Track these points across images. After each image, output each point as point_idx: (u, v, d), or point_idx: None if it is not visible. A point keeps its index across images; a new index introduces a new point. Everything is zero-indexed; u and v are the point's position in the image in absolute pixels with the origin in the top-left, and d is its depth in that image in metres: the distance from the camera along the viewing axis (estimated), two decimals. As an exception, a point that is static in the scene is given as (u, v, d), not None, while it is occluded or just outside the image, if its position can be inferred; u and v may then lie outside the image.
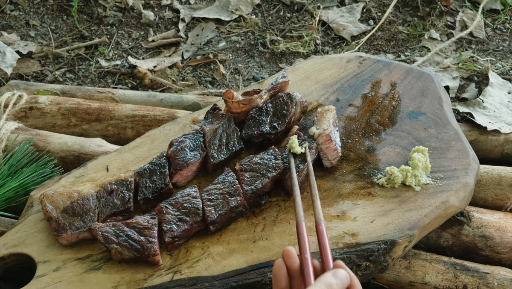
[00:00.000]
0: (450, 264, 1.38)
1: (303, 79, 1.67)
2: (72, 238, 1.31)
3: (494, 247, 1.43)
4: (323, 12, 2.32)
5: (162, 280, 1.24)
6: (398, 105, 1.58)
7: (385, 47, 2.20)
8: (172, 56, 2.19)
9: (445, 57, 2.12)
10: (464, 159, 1.43)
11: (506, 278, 1.34)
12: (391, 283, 1.39)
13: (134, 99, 1.91)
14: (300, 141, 1.43)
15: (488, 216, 1.46)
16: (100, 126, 1.78)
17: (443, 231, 1.45)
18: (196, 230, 1.31)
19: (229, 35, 2.28)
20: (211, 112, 1.53)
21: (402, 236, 1.29)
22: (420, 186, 1.38)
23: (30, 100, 1.82)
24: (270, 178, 1.36)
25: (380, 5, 2.36)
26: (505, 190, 1.52)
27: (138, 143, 1.53)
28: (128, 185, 1.38)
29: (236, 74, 2.13)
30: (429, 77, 1.64)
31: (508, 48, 2.16)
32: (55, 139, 1.67)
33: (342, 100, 1.60)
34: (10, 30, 2.30)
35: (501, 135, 1.74)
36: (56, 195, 1.35)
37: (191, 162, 1.41)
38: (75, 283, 1.25)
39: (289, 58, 2.17)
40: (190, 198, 1.33)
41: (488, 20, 2.27)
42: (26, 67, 2.16)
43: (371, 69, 1.68)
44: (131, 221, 1.30)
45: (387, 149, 1.48)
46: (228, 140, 1.47)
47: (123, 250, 1.25)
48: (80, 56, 2.21)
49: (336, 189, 1.39)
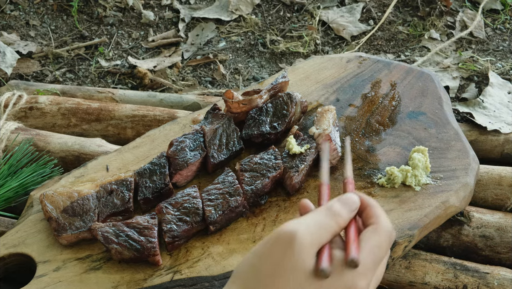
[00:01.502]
0: (450, 264, 1.38)
1: (303, 79, 1.67)
2: (72, 238, 1.31)
3: (494, 247, 1.43)
4: (323, 12, 2.32)
5: (162, 280, 1.24)
6: (398, 105, 1.58)
7: (385, 47, 2.20)
8: (172, 56, 2.19)
9: (445, 57, 2.12)
10: (464, 159, 1.43)
11: (506, 278, 1.34)
12: (391, 283, 1.39)
13: (134, 99, 1.91)
14: (300, 141, 1.43)
15: (488, 216, 1.46)
16: (100, 126, 1.78)
17: (443, 231, 1.45)
18: (196, 230, 1.31)
19: (229, 35, 2.28)
20: (211, 112, 1.53)
21: (402, 236, 1.29)
22: (420, 186, 1.38)
23: (30, 100, 1.82)
24: (270, 178, 1.36)
25: (380, 5, 2.36)
26: (505, 190, 1.52)
27: (138, 143, 1.53)
28: (128, 185, 1.38)
29: (236, 74, 2.13)
30: (429, 77, 1.64)
31: (508, 48, 2.16)
32: (55, 139, 1.67)
33: (342, 100, 1.60)
34: (10, 30, 2.30)
35: (501, 135, 1.74)
36: (56, 195, 1.35)
37: (191, 162, 1.41)
38: (75, 283, 1.25)
39: (289, 58, 2.17)
40: (190, 198, 1.33)
41: (488, 20, 2.27)
42: (26, 67, 2.16)
43: (371, 69, 1.68)
44: (131, 221, 1.30)
45: (387, 148, 1.48)
46: (228, 140, 1.47)
47: (123, 250, 1.25)
48: (80, 56, 2.21)
49: (336, 189, 1.39)
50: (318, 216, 0.84)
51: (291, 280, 0.78)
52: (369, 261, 0.81)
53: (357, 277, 0.79)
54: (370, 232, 0.84)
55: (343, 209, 0.86)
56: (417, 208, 1.34)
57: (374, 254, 0.82)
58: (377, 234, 0.84)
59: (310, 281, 0.78)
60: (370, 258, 0.81)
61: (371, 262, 0.81)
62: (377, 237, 0.84)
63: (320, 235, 0.82)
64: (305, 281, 0.78)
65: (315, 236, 0.81)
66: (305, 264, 0.79)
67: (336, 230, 0.84)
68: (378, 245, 0.83)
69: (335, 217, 0.85)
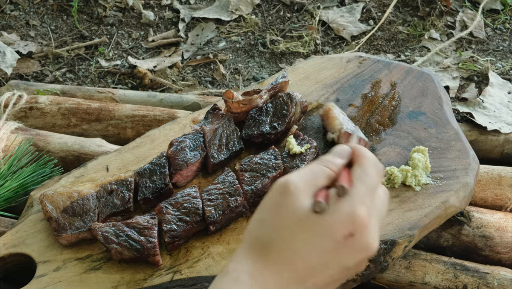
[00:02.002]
0: (450, 264, 1.38)
1: (303, 79, 1.67)
2: (72, 238, 1.31)
3: (494, 247, 1.43)
4: (323, 12, 2.32)
5: (162, 280, 1.24)
6: (398, 105, 1.58)
7: (385, 47, 2.20)
8: (172, 56, 2.19)
9: (445, 57, 2.12)
10: (464, 159, 1.43)
11: (506, 278, 1.34)
12: (391, 283, 1.38)
13: (134, 99, 1.91)
14: (300, 141, 1.43)
15: (488, 216, 1.46)
16: (100, 126, 1.78)
17: (443, 231, 1.45)
18: (196, 230, 1.31)
19: (229, 35, 2.28)
20: (211, 112, 1.53)
21: (402, 236, 1.29)
22: (420, 186, 1.38)
23: (30, 100, 1.82)
24: (270, 178, 1.36)
25: (380, 5, 2.36)
26: (505, 190, 1.52)
27: (138, 143, 1.53)
28: (128, 185, 1.38)
29: (236, 74, 2.13)
30: (429, 77, 1.64)
31: (508, 48, 2.16)
32: (55, 139, 1.67)
33: (342, 100, 1.60)
34: (10, 30, 2.30)
35: (501, 135, 1.74)
36: (56, 195, 1.35)
37: (191, 162, 1.41)
38: (75, 283, 1.25)
39: (289, 58, 2.17)
40: (190, 198, 1.33)
41: (488, 20, 2.27)
42: (26, 67, 2.16)
43: (371, 69, 1.68)
44: (131, 221, 1.30)
45: (387, 149, 1.48)
46: (228, 140, 1.47)
47: (123, 250, 1.25)
48: (80, 56, 2.21)
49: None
50: (309, 166, 0.90)
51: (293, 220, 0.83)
52: (361, 188, 0.85)
53: (354, 204, 0.83)
54: (357, 166, 0.89)
55: (334, 157, 0.91)
56: (417, 208, 1.34)
57: (365, 181, 0.86)
58: (363, 167, 0.89)
59: (310, 217, 0.82)
60: (361, 186, 0.85)
61: (363, 189, 0.85)
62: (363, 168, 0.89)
63: (314, 178, 0.87)
64: (305, 218, 0.82)
65: (308, 180, 0.86)
66: (303, 203, 0.83)
67: (330, 173, 0.88)
68: (366, 173, 0.87)
69: (326, 163, 0.89)
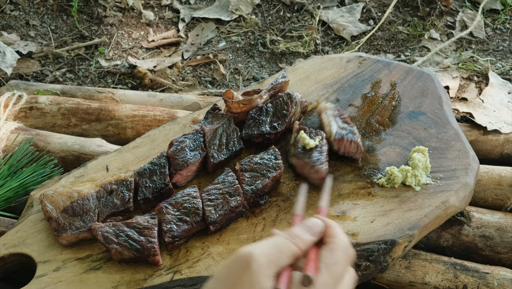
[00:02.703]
0: (450, 264, 1.38)
1: (303, 79, 1.67)
2: (72, 238, 1.31)
3: (494, 247, 1.43)
4: (323, 12, 2.32)
5: (162, 280, 1.24)
6: (398, 105, 1.58)
7: (385, 47, 2.20)
8: (172, 56, 2.19)
9: (445, 57, 2.12)
10: (464, 159, 1.43)
11: (506, 278, 1.34)
12: (391, 283, 1.39)
13: (134, 99, 1.91)
14: (309, 135, 1.43)
15: (488, 216, 1.46)
16: (100, 126, 1.78)
17: (443, 231, 1.45)
18: (196, 230, 1.31)
19: (229, 35, 2.28)
20: (211, 112, 1.53)
21: (402, 236, 1.29)
22: (420, 186, 1.38)
23: (30, 100, 1.82)
24: (270, 178, 1.36)
25: (380, 5, 2.36)
26: (505, 190, 1.52)
27: (138, 143, 1.53)
28: (128, 185, 1.38)
29: (236, 74, 2.13)
30: (429, 77, 1.64)
31: (508, 48, 2.16)
32: (55, 139, 1.67)
33: (342, 100, 1.60)
34: (10, 30, 2.30)
35: (501, 135, 1.74)
36: (56, 195, 1.35)
37: (191, 162, 1.41)
38: (75, 283, 1.25)
39: (289, 58, 2.17)
40: (190, 198, 1.33)
41: (488, 20, 2.27)
42: (26, 67, 2.16)
43: (371, 69, 1.68)
44: (131, 221, 1.30)
45: (387, 149, 1.48)
46: (228, 140, 1.47)
47: (123, 250, 1.25)
48: (80, 56, 2.21)
49: (336, 189, 1.39)
50: (276, 238, 0.85)
51: None
52: (326, 278, 0.82)
53: None
54: (326, 250, 0.85)
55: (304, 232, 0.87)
56: (417, 208, 1.34)
57: (332, 271, 0.83)
58: (333, 252, 0.85)
59: None
60: (327, 276, 0.82)
61: (328, 279, 0.82)
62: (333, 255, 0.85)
63: (278, 256, 0.82)
64: None
65: (272, 257, 0.81)
66: (262, 284, 0.79)
67: (296, 252, 0.84)
68: (334, 262, 0.84)
69: (294, 240, 0.85)
